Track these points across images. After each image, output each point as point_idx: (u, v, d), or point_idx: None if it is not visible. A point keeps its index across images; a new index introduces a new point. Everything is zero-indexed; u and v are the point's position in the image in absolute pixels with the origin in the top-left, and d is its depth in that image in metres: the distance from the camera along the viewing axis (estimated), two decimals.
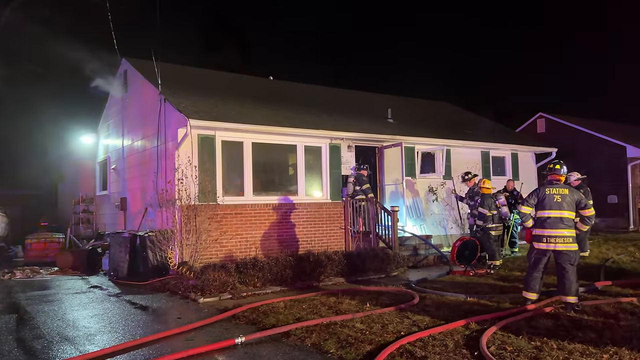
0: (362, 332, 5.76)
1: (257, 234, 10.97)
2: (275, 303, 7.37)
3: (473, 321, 6.01)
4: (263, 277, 8.97)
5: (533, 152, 17.30)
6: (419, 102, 20.65)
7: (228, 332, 6.00)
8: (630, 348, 4.92)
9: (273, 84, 17.69)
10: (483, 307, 6.93)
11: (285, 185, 12.25)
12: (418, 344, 5.26)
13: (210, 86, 14.25)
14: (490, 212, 10.55)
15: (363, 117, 14.87)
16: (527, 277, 6.97)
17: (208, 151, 10.65)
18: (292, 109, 13.57)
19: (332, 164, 12.48)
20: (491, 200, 10.72)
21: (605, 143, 19.95)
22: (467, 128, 17.21)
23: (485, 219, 10.49)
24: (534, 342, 5.25)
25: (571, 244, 6.66)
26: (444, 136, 14.85)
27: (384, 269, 10.39)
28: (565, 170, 7.03)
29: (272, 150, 11.95)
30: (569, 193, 6.77)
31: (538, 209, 6.87)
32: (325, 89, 18.69)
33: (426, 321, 6.21)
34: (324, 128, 12.24)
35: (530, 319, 6.15)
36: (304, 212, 11.74)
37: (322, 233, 11.95)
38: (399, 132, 14.01)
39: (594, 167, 18.34)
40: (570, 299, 6.57)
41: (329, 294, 8.03)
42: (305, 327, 5.98)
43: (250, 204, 11.02)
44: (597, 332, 5.49)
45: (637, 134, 24.02)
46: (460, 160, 15.04)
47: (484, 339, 5.22)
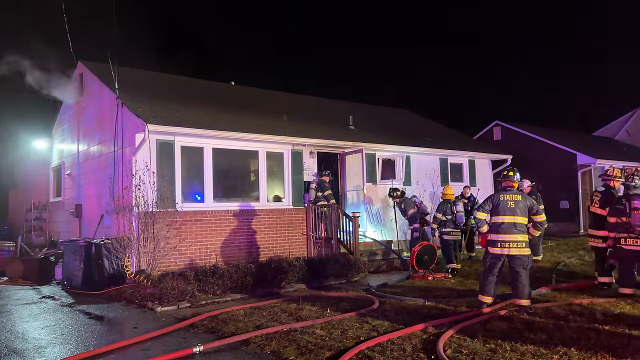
0: (322, 338, 5.77)
1: (217, 241, 10.83)
2: (235, 311, 7.30)
3: (431, 325, 6.12)
4: (223, 284, 8.87)
5: (489, 159, 17.81)
6: (380, 110, 20.94)
7: (186, 342, 5.89)
8: (579, 348, 5.12)
9: (235, 89, 17.57)
10: (441, 311, 7.06)
11: (247, 191, 12.17)
12: (377, 348, 5.31)
13: (170, 91, 14.03)
14: (445, 217, 10.89)
15: (325, 124, 14.96)
16: (483, 281, 7.16)
17: (167, 157, 10.47)
18: (254, 115, 13.52)
19: (294, 170, 12.48)
20: (446, 205, 11.04)
21: (557, 150, 20.74)
22: (426, 135, 17.56)
23: (439, 223, 10.86)
24: (488, 344, 5.39)
25: (524, 249, 6.89)
26: (403, 143, 15.10)
27: (345, 274, 10.46)
28: (518, 177, 7.29)
29: (233, 156, 11.85)
30: (521, 199, 7.01)
31: (493, 214, 7.08)
32: (287, 95, 18.71)
33: (385, 326, 6.28)
34: (286, 134, 12.24)
35: (485, 322, 6.31)
36: (266, 218, 11.68)
37: (284, 239, 11.92)
38: (360, 138, 14.16)
39: (547, 173, 19.05)
40: (523, 301, 6.79)
41: (290, 301, 8.01)
42: (265, 334, 5.94)
43: (211, 210, 10.88)
44: (548, 334, 5.69)
45: (586, 142, 25.12)
46: (420, 166, 15.33)
47: (440, 342, 5.33)
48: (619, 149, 25.89)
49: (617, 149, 26.07)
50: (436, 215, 11.04)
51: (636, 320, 6.15)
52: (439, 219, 10.97)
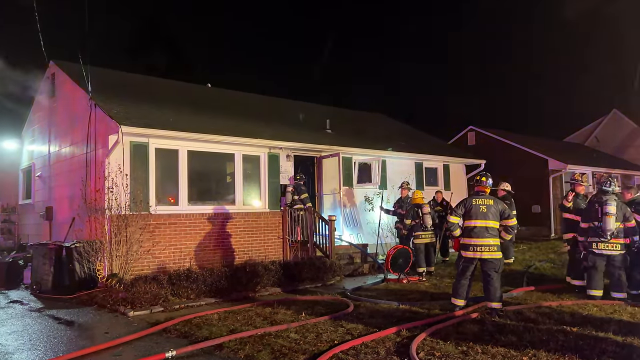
0: (296, 342, 5.77)
1: (192, 245, 10.72)
2: (209, 315, 7.24)
3: (404, 328, 6.17)
4: (197, 288, 8.77)
5: (464, 164, 18.08)
6: (356, 114, 21.06)
7: (159, 346, 5.82)
8: (547, 350, 5.24)
9: (211, 91, 17.44)
10: (414, 314, 7.13)
11: (223, 194, 12.08)
12: (351, 352, 5.34)
13: (145, 92, 13.85)
14: (413, 221, 11.10)
15: (302, 127, 14.97)
16: (455, 284, 7.26)
17: (141, 159, 10.32)
18: (230, 118, 13.45)
19: (270, 173, 12.45)
20: (414, 209, 11.22)
21: (529, 156, 21.17)
22: (402, 140, 17.73)
23: (404, 227, 11.11)
24: (460, 347, 5.47)
25: (496, 252, 7.01)
26: (379, 147, 15.23)
27: (320, 278, 10.46)
28: (490, 182, 7.42)
29: (209, 159, 11.76)
30: (494, 204, 7.14)
31: (465, 218, 7.19)
32: (264, 98, 18.67)
33: (359, 329, 6.32)
34: (262, 137, 12.21)
35: (458, 325, 6.40)
36: (242, 221, 11.61)
37: (260, 243, 11.86)
38: (337, 142, 14.21)
39: (520, 178, 19.35)
40: (495, 304, 6.91)
41: (265, 305, 7.98)
42: (239, 338, 5.91)
43: (185, 213, 10.77)
44: (518, 336, 5.79)
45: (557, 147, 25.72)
46: (395, 170, 15.47)
47: (414, 345, 5.38)
48: (588, 155, 26.59)
49: (587, 154, 26.77)
50: (405, 221, 11.33)
51: (602, 322, 6.32)
52: (408, 224, 11.25)
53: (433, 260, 11.58)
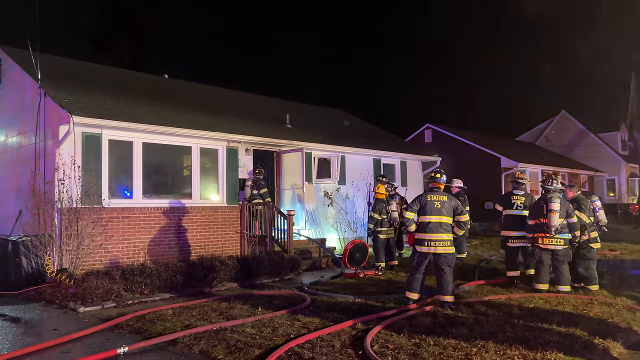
0: (252, 336, 5.76)
1: (146, 239, 10.49)
2: (164, 310, 7.11)
3: (359, 321, 6.27)
4: (151, 283, 8.60)
5: (420, 161, 18.45)
6: (316, 109, 21.11)
7: (110, 343, 5.68)
8: (496, 341, 5.43)
9: (168, 82, 17.07)
10: (370, 308, 7.23)
11: (179, 188, 11.87)
12: (306, 345, 5.37)
13: (99, 82, 13.39)
14: (380, 216, 11.13)
15: (262, 121, 14.88)
16: (410, 278, 7.42)
17: (93, 151, 10.00)
18: (188, 110, 13.20)
19: (229, 167, 12.31)
20: (382, 204, 11.27)
21: (483, 154, 21.85)
22: (361, 136, 17.91)
23: (375, 223, 11.06)
24: (413, 339, 5.60)
25: (449, 247, 7.21)
26: (339, 143, 15.31)
27: (278, 272, 10.46)
28: (444, 179, 7.61)
29: (165, 152, 11.52)
30: (447, 200, 7.34)
31: (420, 214, 7.35)
32: (224, 91, 18.42)
33: (316, 323, 6.36)
34: (221, 130, 12.05)
35: (411, 318, 6.54)
36: (198, 215, 11.45)
37: (217, 238, 11.74)
38: (297, 137, 14.21)
39: (473, 175, 19.99)
40: (447, 298, 7.11)
41: (221, 300, 7.92)
42: (193, 334, 5.84)
43: (140, 207, 10.52)
44: (468, 328, 5.99)
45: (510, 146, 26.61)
46: (354, 166, 15.61)
47: (368, 338, 5.47)
48: (538, 154, 27.67)
49: (537, 153, 27.85)
50: (372, 215, 11.21)
51: (547, 314, 6.61)
52: (375, 218, 11.13)
53: (395, 254, 11.76)
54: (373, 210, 11.21)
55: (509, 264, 9.40)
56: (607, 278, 9.24)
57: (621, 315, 6.72)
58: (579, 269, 8.46)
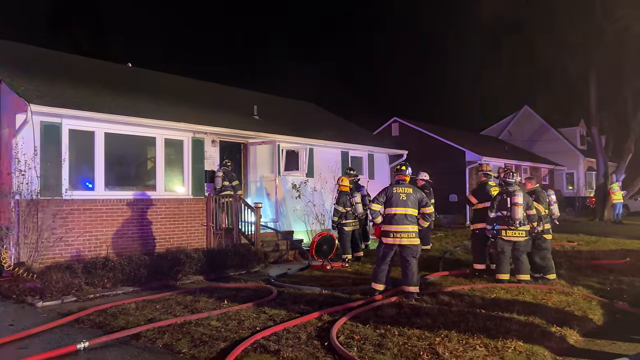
0: (217, 329, 5.71)
1: (109, 232, 10.24)
2: (126, 304, 6.98)
3: (326, 313, 6.30)
4: (114, 277, 8.43)
5: (387, 154, 18.61)
6: (285, 101, 21.00)
7: (70, 338, 5.54)
8: (459, 331, 5.55)
9: (132, 71, 16.63)
10: (336, 299, 7.27)
11: (143, 179, 11.62)
12: (272, 338, 5.36)
13: (59, 70, 12.94)
14: (345, 208, 11.14)
15: (229, 112, 14.69)
16: (376, 269, 7.50)
17: (53, 141, 9.66)
18: (153, 99, 12.91)
19: (194, 158, 12.12)
20: (346, 197, 11.29)
21: (448, 147, 22.23)
22: (329, 129, 17.93)
23: (340, 215, 11.07)
24: (379, 329, 5.66)
25: (414, 239, 7.31)
26: (307, 135, 15.28)
27: (245, 265, 10.40)
28: (410, 172, 7.70)
29: (128, 142, 11.23)
30: (412, 192, 7.43)
31: (386, 206, 7.42)
32: (189, 81, 18.07)
33: (282, 315, 6.36)
34: (186, 121, 11.83)
35: (377, 309, 6.62)
36: (163, 208, 11.25)
37: (183, 230, 11.57)
38: (264, 129, 14.10)
39: (439, 168, 20.32)
40: (412, 288, 7.22)
41: (186, 293, 7.82)
42: (157, 327, 5.75)
43: (102, 199, 10.25)
44: (432, 318, 6.10)
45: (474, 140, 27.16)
46: (322, 159, 15.62)
47: (334, 329, 5.51)
48: (501, 148, 28.34)
49: (501, 147, 28.52)
50: (337, 207, 11.20)
51: (508, 304, 6.79)
52: (339, 211, 11.11)
53: (361, 245, 11.83)
54: (337, 202, 11.19)
55: (477, 257, 9.47)
56: (565, 268, 9.57)
57: (578, 304, 6.97)
58: (536, 258, 8.73)
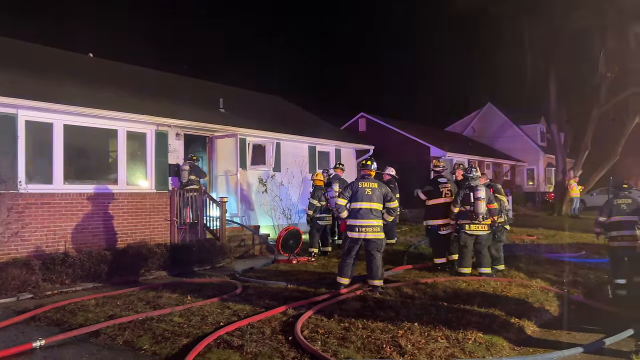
0: (179, 325, 5.62)
1: (68, 227, 9.94)
2: (86, 301, 6.80)
3: (291, 307, 6.29)
4: (73, 273, 8.19)
5: (354, 149, 18.72)
6: (252, 94, 20.81)
7: (25, 336, 5.36)
8: (421, 323, 5.64)
9: (93, 62, 16.13)
10: (302, 294, 7.27)
11: (105, 173, 11.32)
12: (236, 333, 5.32)
13: (15, 58, 12.41)
14: (320, 202, 11.12)
15: (194, 105, 14.45)
16: (341, 263, 7.53)
17: (8, 132, 9.29)
18: (115, 91, 12.55)
19: (158, 152, 11.88)
20: (321, 192, 11.27)
21: (414, 143, 22.53)
22: (297, 123, 17.89)
23: (314, 209, 11.04)
24: (343, 323, 5.69)
25: (379, 233, 7.37)
26: (275, 129, 15.21)
27: (210, 260, 10.28)
28: (375, 166, 7.76)
29: (89, 135, 10.90)
30: (378, 187, 7.48)
31: (352, 201, 7.45)
32: (153, 72, 17.67)
33: (247, 310, 6.32)
34: (149, 113, 11.57)
35: (342, 302, 6.64)
36: (125, 202, 10.99)
37: (145, 225, 11.33)
38: (231, 122, 13.94)
39: (405, 163, 20.56)
40: (377, 282, 7.29)
41: (148, 289, 7.67)
42: (118, 324, 5.62)
43: (61, 193, 9.93)
44: (396, 311, 6.17)
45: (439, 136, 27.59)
46: (290, 153, 15.59)
47: (298, 323, 5.50)
48: (465, 144, 28.90)
49: (464, 143, 29.08)
50: (312, 201, 11.08)
51: (469, 296, 6.95)
52: (314, 205, 11.01)
53: (329, 241, 11.87)
54: (312, 196, 11.16)
55: (437, 251, 9.61)
56: (524, 261, 9.85)
57: (535, 295, 7.19)
58: (492, 250, 8.96)
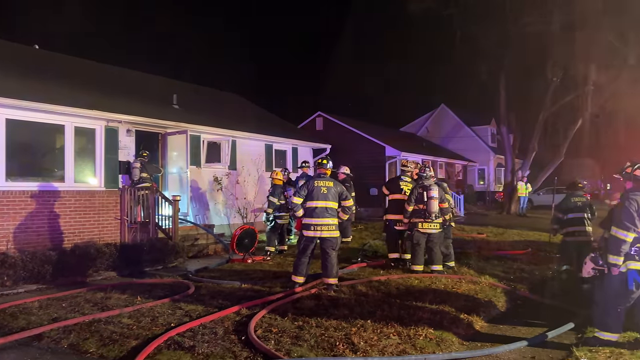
0: (129, 327, 5.47)
1: (10, 226, 9.46)
2: (28, 303, 6.51)
3: (244, 307, 6.23)
4: (15, 274, 7.81)
5: (311, 147, 18.75)
6: (207, 91, 20.47)
7: None
8: (374, 320, 5.71)
9: (39, 54, 15.41)
10: (256, 293, 7.21)
11: (51, 170, 10.83)
12: (188, 334, 5.22)
13: None
14: (279, 201, 11.06)
15: (146, 101, 14.08)
16: (296, 262, 7.52)
17: None
18: (62, 85, 12.05)
19: (108, 148, 11.48)
20: (280, 190, 11.21)
21: (370, 142, 22.79)
22: (254, 121, 17.73)
23: (274, 208, 10.97)
24: (297, 322, 5.69)
25: (334, 231, 7.41)
26: (230, 127, 15.02)
27: (162, 260, 10.04)
28: (330, 165, 7.79)
29: (34, 130, 10.42)
30: (333, 185, 7.52)
31: (307, 199, 7.45)
32: (104, 67, 17.06)
33: (199, 310, 6.21)
34: (99, 109, 11.16)
35: (296, 301, 6.64)
36: (73, 200, 10.57)
37: (94, 224, 10.94)
38: (184, 119, 13.66)
39: (361, 162, 20.81)
40: (331, 280, 7.32)
41: (97, 290, 7.42)
42: (63, 327, 5.41)
43: (3, 190, 9.44)
44: (349, 309, 6.21)
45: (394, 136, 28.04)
46: (246, 151, 15.44)
47: (252, 323, 5.46)
48: (419, 144, 29.48)
49: (418, 143, 29.65)
50: (272, 200, 11.00)
51: (421, 293, 7.09)
52: (274, 203, 10.94)
53: (286, 240, 11.82)
54: (272, 195, 11.07)
55: (391, 247, 9.78)
56: (474, 259, 10.15)
57: (484, 292, 7.42)
58: (442, 247, 9.18)
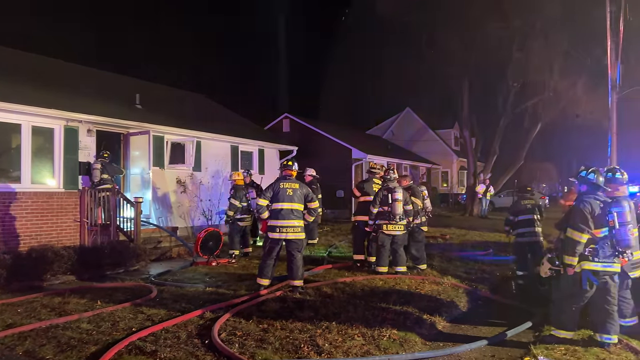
0: (88, 332, 5.31)
1: None
2: None
3: (208, 310, 6.15)
4: None
5: (278, 149, 18.69)
6: (172, 91, 20.12)
7: None
8: (339, 322, 5.74)
9: None
10: (220, 296, 7.13)
11: (6, 170, 10.44)
12: (150, 338, 5.12)
13: None
14: (240, 203, 10.95)
15: (107, 100, 13.70)
16: (262, 264, 7.47)
17: None
18: (18, 82, 11.59)
19: (67, 149, 11.14)
20: (242, 192, 11.10)
21: (336, 145, 22.92)
22: (219, 122, 17.55)
23: (235, 210, 10.85)
24: (262, 324, 5.66)
25: (300, 233, 7.41)
26: (195, 127, 14.81)
27: (123, 263, 9.78)
28: (296, 167, 7.79)
29: None
30: (299, 187, 7.52)
31: (273, 201, 7.42)
32: (64, 64, 16.52)
33: (161, 314, 6.10)
34: (58, 107, 10.81)
35: (261, 304, 6.60)
36: (29, 202, 10.20)
37: (52, 227, 10.59)
38: (147, 119, 13.38)
39: (327, 164, 20.84)
40: (297, 282, 7.31)
41: (54, 294, 7.17)
42: (17, 333, 5.22)
43: None
44: (315, 311, 6.22)
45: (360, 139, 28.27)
46: (211, 152, 15.25)
47: (216, 327, 5.39)
48: (385, 147, 29.84)
49: (384, 146, 30.02)
50: (233, 202, 10.89)
51: (386, 294, 7.17)
52: (236, 205, 10.84)
53: (250, 242, 11.72)
54: (233, 197, 10.96)
55: (357, 248, 9.84)
56: (437, 260, 10.33)
57: (447, 292, 7.56)
58: (412, 250, 9.33)
